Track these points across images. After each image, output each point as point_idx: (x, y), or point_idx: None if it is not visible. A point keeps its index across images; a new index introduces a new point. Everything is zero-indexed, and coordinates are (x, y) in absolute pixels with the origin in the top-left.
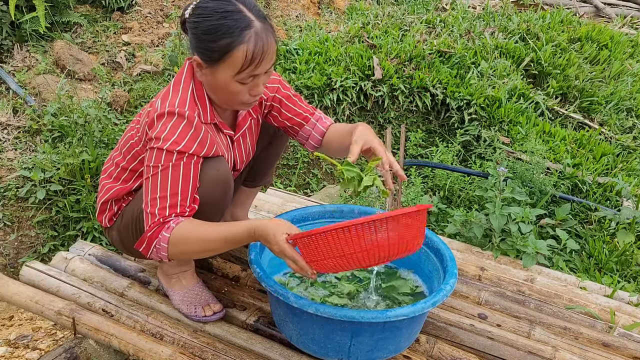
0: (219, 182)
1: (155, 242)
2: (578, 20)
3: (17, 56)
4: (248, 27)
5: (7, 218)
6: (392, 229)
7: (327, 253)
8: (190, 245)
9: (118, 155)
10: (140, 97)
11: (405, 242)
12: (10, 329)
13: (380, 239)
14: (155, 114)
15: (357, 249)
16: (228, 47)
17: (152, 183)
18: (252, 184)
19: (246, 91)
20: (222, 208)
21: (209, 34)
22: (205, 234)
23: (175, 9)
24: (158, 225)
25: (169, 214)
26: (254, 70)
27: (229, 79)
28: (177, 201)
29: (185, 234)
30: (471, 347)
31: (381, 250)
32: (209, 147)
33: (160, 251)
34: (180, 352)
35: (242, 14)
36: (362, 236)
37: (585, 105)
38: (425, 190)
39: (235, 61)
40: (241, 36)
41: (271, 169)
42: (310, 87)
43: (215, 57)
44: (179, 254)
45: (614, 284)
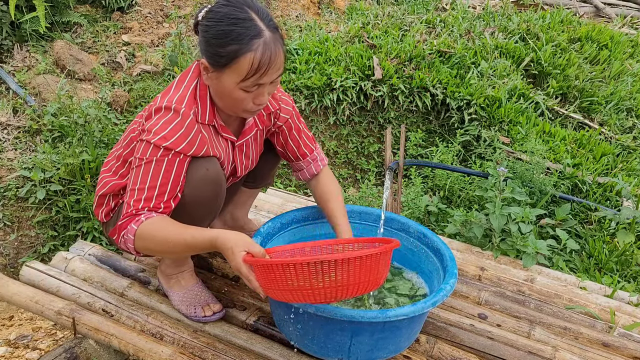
0: (207, 182)
1: (124, 232)
2: (578, 20)
3: (17, 56)
4: (257, 36)
5: (7, 218)
6: (352, 270)
7: (281, 285)
8: (155, 242)
9: (119, 148)
10: (140, 97)
11: (366, 282)
12: (10, 329)
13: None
14: (154, 107)
15: (312, 286)
16: (235, 53)
17: (135, 174)
18: (253, 185)
19: (250, 99)
20: (213, 208)
21: (218, 38)
22: (170, 235)
23: (175, 9)
24: (130, 216)
25: (142, 207)
26: (259, 79)
27: (233, 86)
28: (152, 195)
29: (152, 230)
30: (471, 347)
31: (338, 291)
32: (198, 146)
33: (127, 242)
34: (180, 352)
35: (253, 22)
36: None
37: (585, 105)
38: (425, 190)
39: (241, 68)
40: (249, 44)
41: (272, 171)
42: (310, 87)
43: (222, 63)
44: (144, 249)
45: (614, 284)
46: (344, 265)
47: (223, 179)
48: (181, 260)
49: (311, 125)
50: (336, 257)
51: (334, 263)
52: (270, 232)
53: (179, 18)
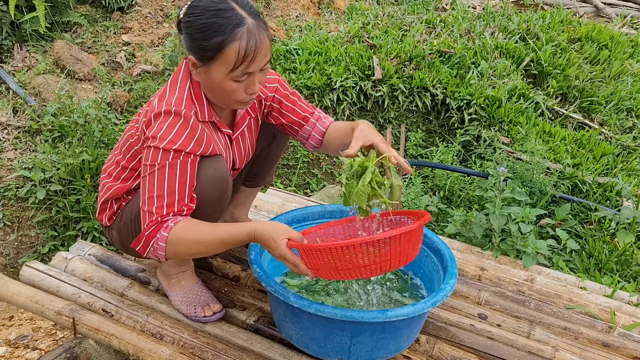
0: (216, 181)
1: (153, 241)
2: (578, 20)
3: (17, 56)
4: (240, 24)
5: (7, 218)
6: (394, 246)
7: (329, 265)
8: (189, 245)
9: (118, 154)
10: (140, 97)
11: (405, 255)
12: (10, 329)
13: (382, 256)
14: (152, 113)
15: (360, 264)
16: (220, 45)
17: (149, 182)
18: (252, 184)
19: (242, 89)
20: (220, 207)
21: (201, 32)
22: (204, 235)
23: (175, 9)
24: (156, 224)
25: (167, 212)
26: (247, 68)
27: (223, 77)
28: (174, 200)
29: (184, 234)
30: (471, 347)
31: (383, 265)
32: (205, 145)
33: (158, 250)
34: (180, 352)
35: (234, 11)
36: (365, 254)
37: (585, 105)
38: (425, 190)
39: (228, 59)
40: (233, 33)
41: (271, 169)
42: (310, 87)
43: (209, 56)
44: (177, 254)
45: (614, 284)
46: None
47: (230, 179)
48: (182, 260)
49: None
50: (379, 237)
51: (377, 242)
52: None
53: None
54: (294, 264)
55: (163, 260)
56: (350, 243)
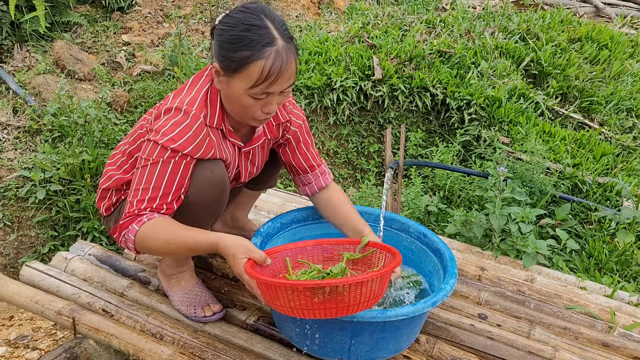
0: (212, 184)
1: (125, 232)
2: (578, 20)
3: (17, 56)
4: (270, 44)
5: (7, 218)
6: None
7: (281, 301)
8: (156, 243)
9: (126, 142)
10: (140, 97)
11: (366, 300)
12: (10, 329)
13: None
14: (164, 107)
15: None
16: (246, 59)
17: (140, 174)
18: (256, 188)
19: (258, 107)
20: (216, 211)
21: (230, 43)
22: (172, 237)
23: (175, 9)
24: (132, 216)
25: (145, 207)
26: (268, 88)
27: (242, 92)
28: (157, 196)
29: (153, 231)
30: (471, 347)
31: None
32: (205, 149)
33: (128, 242)
34: (180, 352)
35: (267, 30)
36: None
37: (585, 105)
38: (425, 190)
39: (250, 75)
40: (261, 51)
41: (275, 176)
42: (310, 87)
43: (233, 68)
44: (144, 249)
45: (614, 284)
46: (345, 288)
47: (227, 183)
48: (182, 260)
49: (311, 126)
50: (336, 282)
51: (335, 288)
52: (270, 232)
53: (179, 18)
54: (249, 285)
55: (134, 253)
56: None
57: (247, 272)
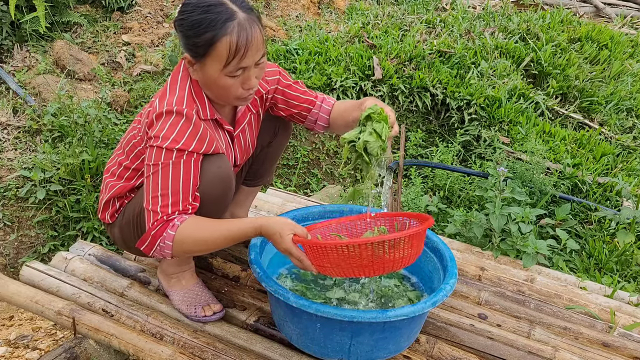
0: (220, 179)
1: (160, 240)
2: (578, 20)
3: (17, 56)
4: (230, 18)
5: (7, 218)
6: (398, 248)
7: (334, 263)
8: (196, 242)
9: (121, 154)
10: (140, 97)
11: (408, 257)
12: (10, 329)
13: (386, 256)
14: (154, 114)
15: (364, 263)
16: (211, 40)
17: (153, 181)
18: (253, 183)
19: (238, 85)
20: (224, 205)
21: (192, 29)
22: (211, 232)
23: (175, 9)
24: (162, 223)
25: (172, 211)
26: (240, 62)
27: (217, 74)
28: (179, 199)
29: (191, 232)
30: (471, 347)
31: (386, 265)
32: (208, 143)
33: (165, 249)
34: (180, 352)
35: (224, 6)
36: (372, 254)
37: (585, 105)
38: (425, 190)
39: (220, 54)
40: (223, 28)
41: (271, 168)
42: (310, 87)
43: (202, 52)
44: (184, 251)
45: (614, 284)
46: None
47: (233, 176)
48: (183, 260)
49: None
50: (384, 238)
51: (382, 243)
52: None
53: None
54: (299, 259)
55: (169, 259)
56: (355, 242)
57: (296, 241)
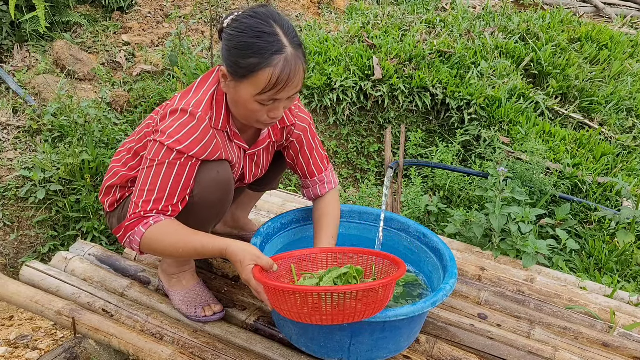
0: (217, 185)
1: (130, 233)
2: (578, 20)
3: (17, 56)
4: (279, 51)
5: (7, 218)
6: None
7: (288, 307)
8: (162, 246)
9: (132, 141)
10: (140, 97)
11: (372, 308)
12: (10, 329)
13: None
14: (171, 108)
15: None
16: (255, 67)
17: (145, 175)
18: (258, 189)
19: (265, 112)
20: (220, 211)
21: (239, 49)
22: (179, 240)
23: (175, 9)
24: (138, 217)
25: (151, 209)
26: (275, 95)
27: (249, 97)
28: (162, 197)
29: (160, 234)
30: (471, 347)
31: (346, 316)
32: (212, 151)
33: (133, 243)
34: (180, 352)
35: (276, 37)
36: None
37: (585, 105)
38: (425, 190)
39: (258, 82)
40: (270, 59)
41: (278, 177)
42: (310, 87)
43: (241, 74)
44: (150, 250)
45: (614, 284)
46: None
47: (232, 184)
48: (184, 260)
49: None
50: (344, 289)
51: (343, 294)
52: (270, 232)
53: (179, 18)
54: (256, 290)
55: (139, 253)
56: (307, 290)
57: (256, 278)
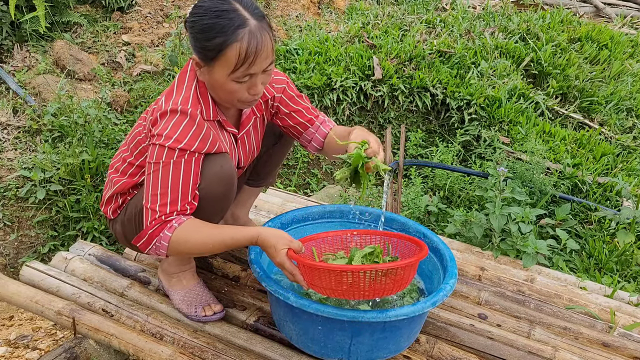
0: (222, 178)
1: (156, 239)
2: (578, 20)
3: (17, 56)
4: (242, 25)
5: (7, 218)
6: (392, 277)
7: (325, 284)
8: (191, 246)
9: (126, 151)
10: (140, 97)
11: (399, 284)
12: (10, 329)
13: (377, 284)
14: (159, 112)
15: (355, 288)
16: (221, 46)
17: (153, 179)
18: (255, 184)
19: (244, 90)
20: (225, 205)
21: (203, 32)
22: (207, 237)
23: (175, 9)
24: (160, 223)
25: (170, 211)
26: (248, 69)
27: (224, 78)
28: (177, 198)
29: (187, 235)
30: (471, 347)
31: (376, 291)
32: (211, 143)
33: (160, 249)
34: (180, 352)
35: (236, 12)
36: (362, 280)
37: (585, 105)
38: (425, 190)
39: (228, 60)
40: (234, 35)
41: (275, 170)
42: (310, 87)
43: (211, 56)
44: (179, 252)
45: (614, 284)
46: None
47: (235, 176)
48: (184, 260)
49: None
50: (378, 267)
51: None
52: None
53: (179, 18)
54: (292, 273)
55: (163, 258)
56: (347, 268)
57: (291, 257)
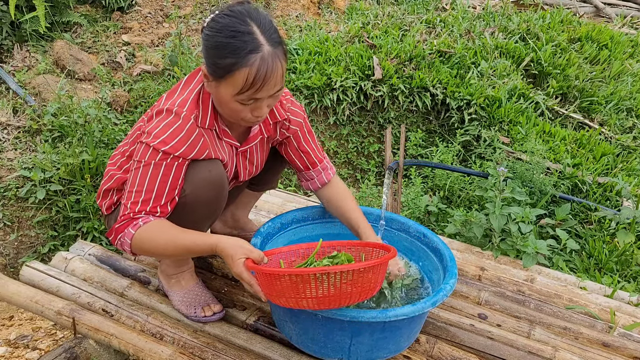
0: (210, 184)
1: (121, 235)
2: (578, 20)
3: (17, 56)
4: (255, 50)
5: (7, 218)
6: (352, 282)
7: (281, 292)
8: (153, 246)
9: (126, 144)
10: (140, 97)
11: (366, 290)
12: (10, 329)
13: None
14: (156, 109)
15: (312, 295)
16: (231, 67)
17: (133, 177)
18: (257, 188)
19: (248, 111)
20: (215, 210)
21: (216, 49)
22: (169, 240)
23: (175, 9)
24: (127, 219)
25: (139, 210)
26: (254, 94)
27: (229, 97)
28: (150, 199)
29: (150, 235)
30: (471, 347)
31: (341, 299)
32: (199, 150)
33: (124, 245)
34: (180, 352)
35: (252, 36)
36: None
37: (585, 105)
38: (425, 190)
39: (236, 82)
40: (245, 59)
41: (277, 176)
42: (310, 87)
43: (219, 74)
44: (142, 251)
45: (614, 284)
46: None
47: (225, 182)
48: (182, 261)
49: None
50: (336, 269)
51: (334, 274)
52: (270, 232)
53: (179, 18)
54: (249, 283)
55: (131, 255)
56: (302, 271)
57: (248, 267)
